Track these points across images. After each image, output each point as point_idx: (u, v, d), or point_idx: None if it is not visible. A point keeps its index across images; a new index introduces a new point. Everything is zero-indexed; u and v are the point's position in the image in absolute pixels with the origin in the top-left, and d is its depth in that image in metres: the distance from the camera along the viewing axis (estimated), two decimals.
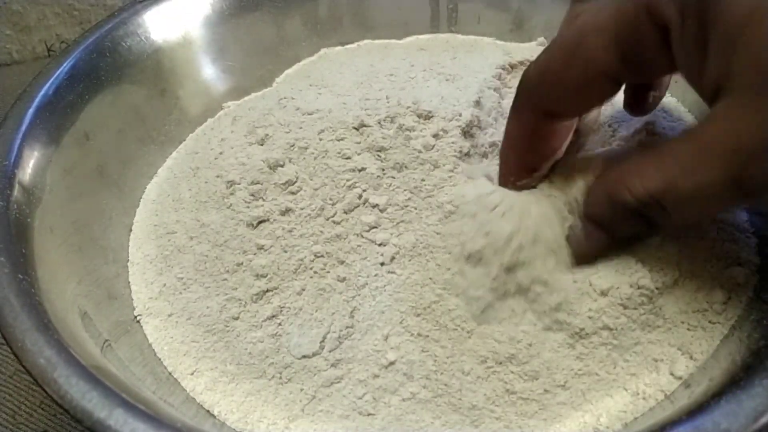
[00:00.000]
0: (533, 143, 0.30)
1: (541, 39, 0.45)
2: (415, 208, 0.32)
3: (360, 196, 0.32)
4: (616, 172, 0.27)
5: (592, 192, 0.28)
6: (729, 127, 0.22)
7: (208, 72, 0.44)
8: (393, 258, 0.31)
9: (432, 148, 0.34)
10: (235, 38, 0.44)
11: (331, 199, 0.32)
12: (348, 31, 0.47)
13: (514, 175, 0.31)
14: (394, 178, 0.33)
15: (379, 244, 0.31)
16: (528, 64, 0.42)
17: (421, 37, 0.48)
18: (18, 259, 0.27)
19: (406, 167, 0.33)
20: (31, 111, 0.33)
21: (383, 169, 0.33)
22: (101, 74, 0.38)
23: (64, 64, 0.36)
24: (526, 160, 0.31)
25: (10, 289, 0.25)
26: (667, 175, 0.24)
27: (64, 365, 0.23)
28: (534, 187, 0.31)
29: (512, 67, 0.42)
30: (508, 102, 0.39)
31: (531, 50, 0.44)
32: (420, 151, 0.35)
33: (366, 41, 0.47)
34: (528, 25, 0.46)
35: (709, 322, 0.29)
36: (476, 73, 0.40)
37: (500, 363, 0.28)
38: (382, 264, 0.31)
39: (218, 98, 0.44)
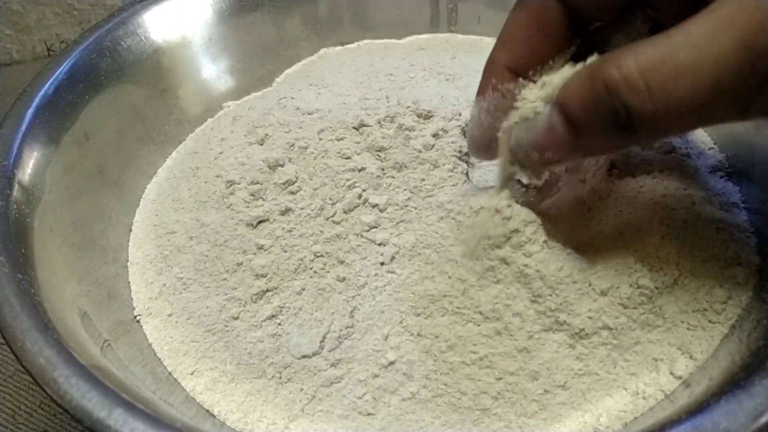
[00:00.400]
0: (530, 36, 0.27)
1: None
2: (415, 208, 0.32)
3: (360, 196, 0.32)
4: (607, 56, 0.23)
5: (573, 75, 0.24)
6: (737, 6, 0.20)
7: (208, 72, 0.43)
8: (393, 258, 0.31)
9: (432, 148, 0.34)
10: (235, 38, 0.44)
11: (330, 199, 0.32)
12: (348, 31, 0.47)
13: (497, 75, 0.28)
14: (394, 177, 0.33)
15: (379, 244, 0.31)
16: None
17: (420, 36, 0.48)
18: (17, 259, 0.27)
19: (406, 167, 0.33)
20: (30, 111, 0.33)
21: (383, 169, 0.33)
22: (101, 74, 0.38)
23: (64, 64, 0.36)
24: (516, 56, 0.27)
25: (10, 289, 0.25)
26: (667, 48, 0.21)
27: (63, 365, 0.23)
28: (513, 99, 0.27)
29: None
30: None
31: None
32: (420, 151, 0.35)
33: (366, 41, 0.47)
34: None
35: (709, 321, 0.29)
36: (476, 73, 0.39)
37: (500, 363, 0.28)
38: (382, 264, 0.31)
39: (218, 98, 0.44)
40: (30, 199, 0.30)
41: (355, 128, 0.34)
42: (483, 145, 0.29)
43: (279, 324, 0.31)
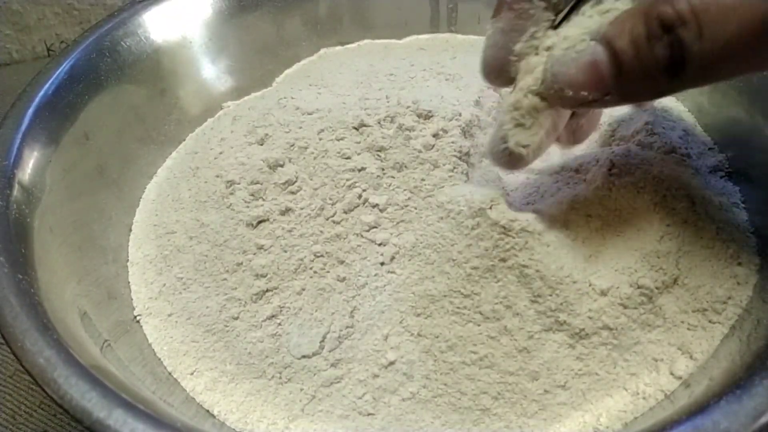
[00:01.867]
0: None
1: None
2: (415, 208, 0.32)
3: (360, 196, 0.32)
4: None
5: (623, 13, 0.23)
6: None
7: (208, 72, 0.44)
8: (393, 258, 0.31)
9: (432, 148, 0.34)
10: (235, 38, 0.44)
11: (330, 199, 0.32)
12: (348, 31, 0.47)
13: None
14: (393, 177, 0.33)
15: (379, 244, 0.31)
16: None
17: (420, 37, 0.48)
18: (17, 259, 0.27)
19: (406, 167, 0.33)
20: (30, 111, 0.33)
21: (383, 169, 0.33)
22: (101, 74, 0.38)
23: (64, 64, 0.36)
24: None
25: (10, 289, 0.25)
26: None
27: (63, 365, 0.23)
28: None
29: None
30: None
31: None
32: (420, 151, 0.35)
33: (366, 41, 0.48)
34: None
35: (709, 321, 0.29)
36: (476, 73, 0.39)
37: (500, 363, 0.28)
38: (382, 264, 0.31)
39: (218, 98, 0.44)
40: (30, 199, 0.30)
41: (355, 128, 0.34)
42: (496, 67, 0.28)
43: (279, 324, 0.31)
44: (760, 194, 0.33)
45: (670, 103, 0.38)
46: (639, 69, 0.23)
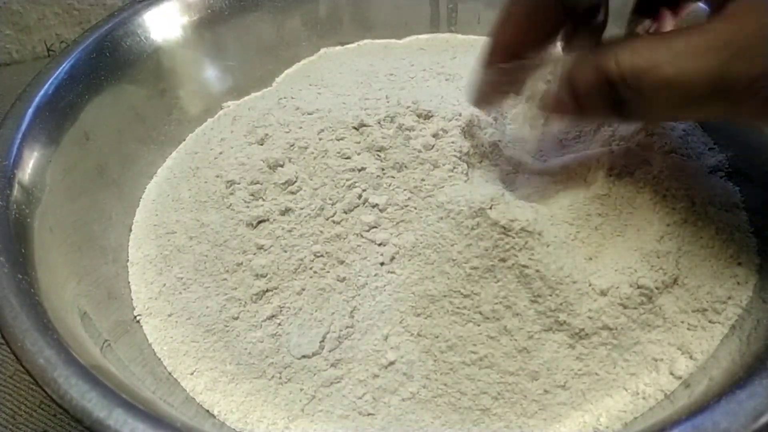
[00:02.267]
0: (535, 18, 0.30)
1: None
2: (415, 208, 0.32)
3: (360, 196, 0.32)
4: (613, 44, 0.26)
5: (580, 57, 0.28)
6: (728, 24, 0.23)
7: (208, 72, 0.44)
8: (393, 258, 0.31)
9: (432, 148, 0.34)
10: (235, 38, 0.44)
11: (330, 199, 0.32)
12: (348, 31, 0.47)
13: (499, 55, 0.31)
14: (393, 177, 0.33)
15: (379, 244, 0.31)
16: None
17: (420, 37, 0.48)
18: (17, 259, 0.27)
19: (405, 167, 0.33)
20: (30, 111, 0.33)
21: (383, 169, 0.33)
22: (101, 74, 0.38)
23: (64, 64, 0.36)
24: (518, 38, 0.31)
25: (10, 289, 0.25)
26: (656, 57, 0.24)
27: (63, 365, 0.23)
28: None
29: None
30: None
31: None
32: (420, 151, 0.35)
33: (366, 41, 0.47)
34: None
35: (709, 321, 0.29)
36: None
37: (500, 363, 0.28)
38: (382, 264, 0.31)
39: (218, 98, 0.44)
40: (30, 199, 0.30)
41: (355, 128, 0.34)
42: (481, 102, 0.34)
43: (279, 324, 0.31)
44: (760, 195, 0.32)
45: None
46: (594, 107, 0.27)
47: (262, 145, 0.35)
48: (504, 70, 0.31)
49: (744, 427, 0.21)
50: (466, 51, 0.44)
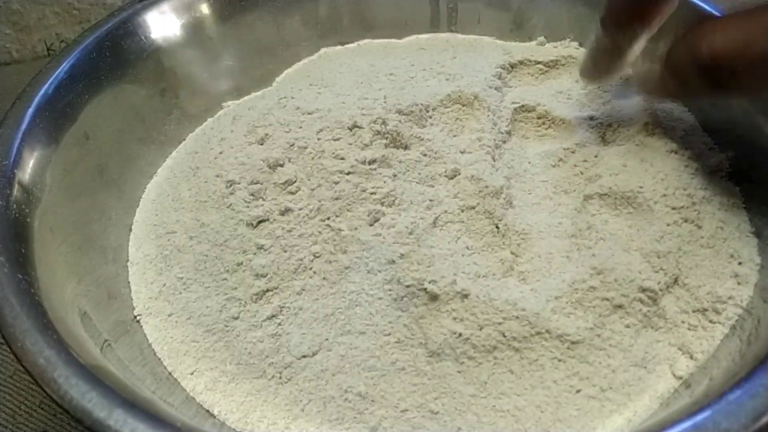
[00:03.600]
0: None
1: (541, 38, 0.45)
2: (404, 210, 0.32)
3: (357, 196, 0.32)
4: (704, 26, 0.28)
5: (677, 42, 0.29)
6: None
7: (208, 71, 0.43)
8: (393, 260, 0.31)
9: (428, 150, 0.34)
10: (235, 38, 0.44)
11: (328, 199, 0.32)
12: (348, 31, 0.47)
13: (608, 28, 0.33)
14: (390, 177, 0.33)
15: (379, 244, 0.31)
16: (528, 63, 0.42)
17: (421, 36, 0.48)
18: (17, 259, 0.27)
19: (402, 166, 0.33)
20: (30, 111, 0.33)
21: (376, 170, 0.33)
22: (101, 74, 0.37)
23: (64, 64, 0.36)
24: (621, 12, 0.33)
25: (10, 289, 0.25)
26: (747, 36, 0.26)
27: (63, 365, 0.23)
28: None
29: (512, 66, 0.42)
30: (509, 100, 0.39)
31: (531, 50, 0.44)
32: (419, 152, 0.35)
33: (366, 41, 0.47)
34: (528, 24, 0.46)
35: (710, 321, 0.29)
36: (477, 73, 0.40)
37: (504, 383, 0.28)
38: (383, 264, 0.31)
39: (218, 98, 0.44)
40: (30, 199, 0.30)
41: (349, 128, 0.34)
42: (592, 73, 0.37)
43: (279, 324, 0.31)
44: (760, 194, 0.32)
45: (669, 103, 0.38)
46: (691, 88, 0.29)
47: (262, 144, 0.35)
48: (613, 40, 0.33)
49: (745, 427, 0.21)
50: (466, 50, 0.44)
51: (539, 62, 0.42)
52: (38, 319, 0.24)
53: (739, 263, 0.30)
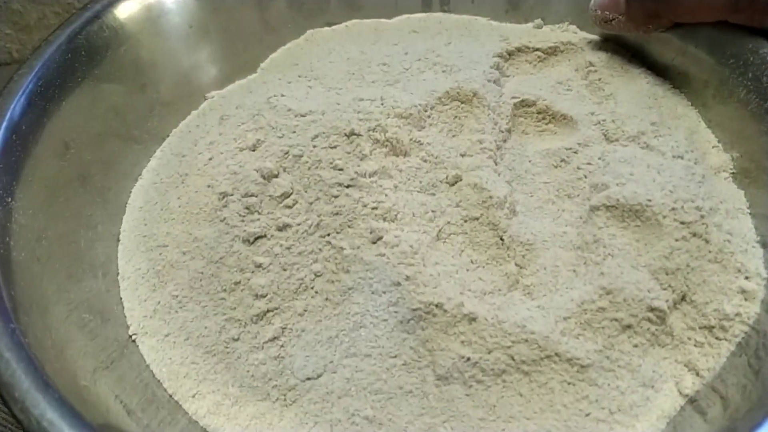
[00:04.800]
0: None
1: (538, 21, 0.43)
2: (416, 218, 0.31)
3: (358, 212, 0.31)
4: None
5: None
6: None
7: (190, 62, 0.41)
8: (399, 282, 0.30)
9: (427, 156, 0.33)
10: (217, 24, 0.42)
11: (327, 214, 0.31)
12: (335, 11, 0.45)
13: None
14: (391, 189, 0.32)
15: (383, 265, 0.30)
16: (526, 50, 0.40)
17: (412, 16, 0.45)
18: (8, 305, 0.25)
19: (402, 175, 0.32)
20: (4, 126, 0.31)
21: (377, 180, 0.32)
22: (77, 75, 0.35)
23: (36, 69, 0.33)
24: None
25: (4, 344, 0.24)
26: None
27: (68, 429, 0.22)
28: None
29: (510, 54, 0.41)
30: (508, 94, 0.38)
31: (528, 34, 0.42)
32: (418, 157, 0.34)
33: (354, 21, 0.45)
34: (524, 6, 0.44)
35: (716, 338, 0.29)
36: (474, 64, 0.38)
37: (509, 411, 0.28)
38: (384, 292, 0.30)
39: (201, 89, 0.42)
40: (13, 228, 0.29)
41: (346, 135, 0.33)
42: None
43: (282, 346, 0.30)
44: (765, 198, 0.32)
45: (674, 97, 0.37)
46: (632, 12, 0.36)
47: (254, 151, 0.34)
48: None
49: None
50: (461, 35, 0.42)
51: (537, 49, 0.40)
52: (37, 376, 0.23)
53: (746, 278, 0.29)
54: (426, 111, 0.35)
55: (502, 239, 0.32)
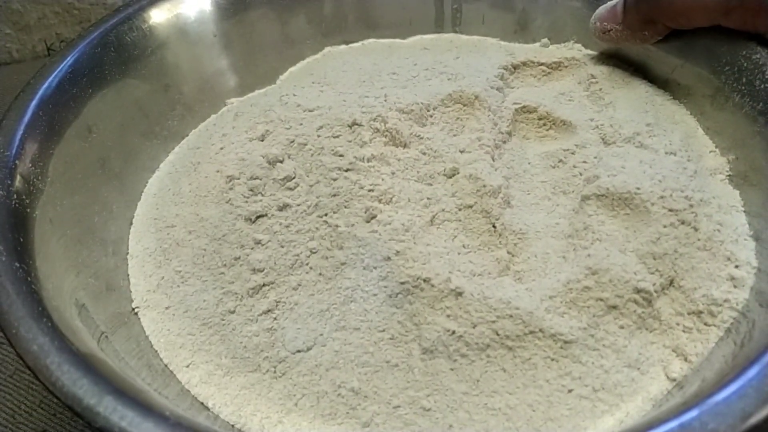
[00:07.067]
0: None
1: (545, 40, 0.45)
2: (401, 208, 0.32)
3: (355, 193, 0.32)
4: None
5: None
6: None
7: (212, 68, 0.44)
8: (389, 257, 0.31)
9: (427, 148, 0.34)
10: (240, 35, 0.45)
11: (326, 196, 0.33)
12: (352, 30, 0.47)
13: None
14: (388, 175, 0.33)
15: (375, 241, 0.31)
16: (531, 65, 0.42)
17: (425, 36, 0.48)
18: (15, 248, 0.27)
19: (401, 164, 0.33)
20: (33, 103, 0.33)
21: (374, 167, 0.33)
22: (105, 68, 0.38)
23: (68, 58, 0.36)
24: None
25: (7, 277, 0.25)
26: None
27: (56, 352, 0.23)
28: None
29: (515, 67, 0.42)
30: (511, 100, 0.39)
31: (534, 51, 0.44)
32: (418, 150, 0.35)
33: (370, 40, 0.48)
34: (532, 26, 0.46)
35: (705, 324, 0.29)
36: (479, 73, 0.40)
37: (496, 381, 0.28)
38: (374, 267, 0.31)
39: (222, 95, 0.44)
40: (31, 190, 0.31)
41: (349, 126, 0.34)
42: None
43: (275, 318, 0.31)
44: (759, 198, 0.32)
45: (672, 106, 0.38)
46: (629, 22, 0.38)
47: (262, 141, 0.35)
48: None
49: (732, 428, 0.21)
50: (469, 51, 0.44)
51: (542, 63, 0.42)
52: (33, 307, 0.25)
53: (736, 266, 0.29)
54: (428, 110, 0.37)
55: (494, 227, 0.33)
